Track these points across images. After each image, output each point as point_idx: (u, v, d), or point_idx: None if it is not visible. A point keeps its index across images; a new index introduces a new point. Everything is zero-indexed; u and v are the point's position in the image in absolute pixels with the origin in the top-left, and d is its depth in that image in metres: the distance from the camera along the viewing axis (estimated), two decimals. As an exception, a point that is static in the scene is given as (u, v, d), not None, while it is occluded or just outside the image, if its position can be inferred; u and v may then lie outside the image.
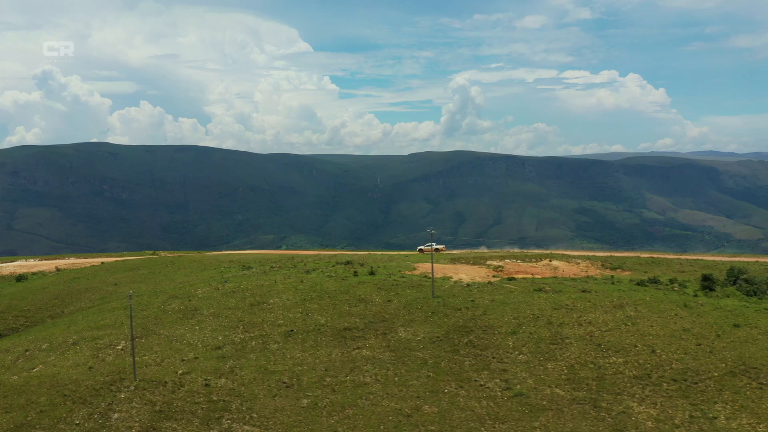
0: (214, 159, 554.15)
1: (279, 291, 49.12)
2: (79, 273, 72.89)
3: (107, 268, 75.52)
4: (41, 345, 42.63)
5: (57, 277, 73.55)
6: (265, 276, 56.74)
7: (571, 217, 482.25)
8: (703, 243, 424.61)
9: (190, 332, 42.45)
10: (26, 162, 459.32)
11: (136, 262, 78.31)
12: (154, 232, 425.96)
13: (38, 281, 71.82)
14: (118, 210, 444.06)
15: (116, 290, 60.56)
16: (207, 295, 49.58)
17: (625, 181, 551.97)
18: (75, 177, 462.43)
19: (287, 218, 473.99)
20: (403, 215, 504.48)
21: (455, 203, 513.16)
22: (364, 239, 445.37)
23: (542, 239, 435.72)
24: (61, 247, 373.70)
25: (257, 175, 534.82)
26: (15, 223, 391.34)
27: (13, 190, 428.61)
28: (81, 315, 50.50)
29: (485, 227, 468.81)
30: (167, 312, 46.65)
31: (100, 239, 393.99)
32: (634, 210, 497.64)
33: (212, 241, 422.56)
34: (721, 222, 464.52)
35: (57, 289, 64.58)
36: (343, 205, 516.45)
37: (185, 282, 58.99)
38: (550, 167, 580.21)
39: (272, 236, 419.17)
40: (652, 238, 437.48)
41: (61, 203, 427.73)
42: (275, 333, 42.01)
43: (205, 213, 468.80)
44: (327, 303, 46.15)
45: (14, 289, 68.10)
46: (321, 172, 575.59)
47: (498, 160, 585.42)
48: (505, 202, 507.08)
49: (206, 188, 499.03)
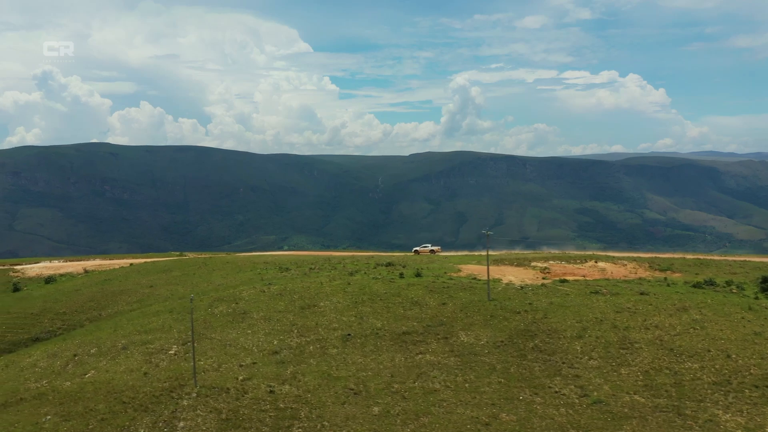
0: (214, 159, 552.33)
1: (328, 293, 48.14)
2: (110, 275, 72.17)
3: (138, 269, 74.62)
4: (89, 350, 41.62)
5: (87, 278, 72.67)
6: (307, 278, 55.70)
7: (573, 217, 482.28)
8: (704, 243, 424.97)
9: (243, 336, 41.50)
10: (27, 162, 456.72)
11: (167, 263, 77.42)
12: (156, 233, 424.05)
13: (68, 283, 71.01)
14: (119, 210, 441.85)
15: (153, 292, 59.62)
16: (253, 298, 48.55)
17: (625, 182, 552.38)
18: (76, 177, 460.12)
19: (288, 218, 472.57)
20: (404, 215, 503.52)
21: (456, 203, 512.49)
22: (365, 239, 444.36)
23: (544, 239, 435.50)
24: (62, 247, 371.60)
25: (258, 176, 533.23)
26: (16, 224, 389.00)
27: (14, 191, 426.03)
28: (125, 318, 49.51)
29: (486, 227, 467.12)
30: (215, 315, 45.63)
31: (101, 239, 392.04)
32: (635, 210, 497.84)
33: (214, 241, 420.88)
34: (723, 222, 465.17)
35: (90, 291, 63.77)
36: (343, 205, 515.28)
37: (225, 284, 57.98)
38: (551, 167, 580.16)
39: (273, 237, 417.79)
40: (654, 239, 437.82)
41: (62, 204, 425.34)
42: (332, 337, 41.07)
43: (206, 213, 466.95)
44: (380, 306, 45.18)
45: (45, 291, 67.27)
46: (321, 172, 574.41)
47: (499, 161, 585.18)
48: (506, 203, 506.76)
49: (206, 188, 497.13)
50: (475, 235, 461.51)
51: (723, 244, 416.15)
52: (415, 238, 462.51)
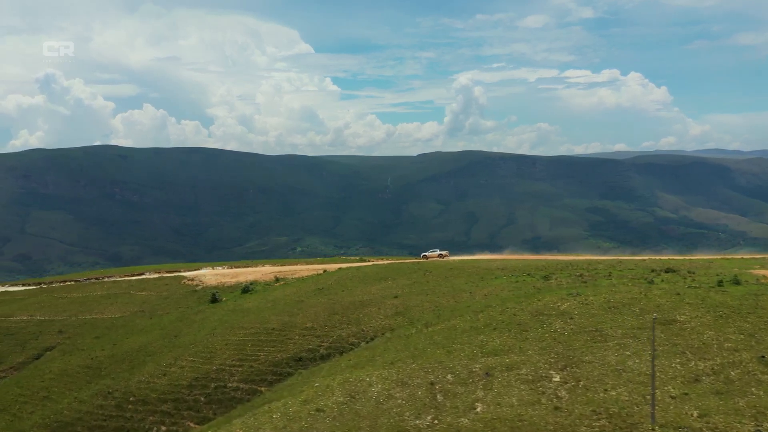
0: (222, 161, 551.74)
1: (679, 306, 43.03)
2: (317, 283, 66.23)
3: (348, 276, 68.37)
4: (443, 375, 34.59)
5: (293, 288, 66.47)
6: (598, 287, 48.91)
7: (584, 216, 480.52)
8: (718, 242, 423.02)
9: (629, 359, 34.35)
10: (36, 165, 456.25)
11: (377, 269, 71.73)
12: (167, 235, 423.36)
13: (274, 293, 65.40)
14: (129, 213, 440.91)
15: (403, 303, 53.59)
16: (579, 311, 42.37)
17: (636, 180, 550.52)
18: (85, 180, 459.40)
19: (299, 220, 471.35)
20: (414, 216, 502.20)
21: (466, 203, 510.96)
22: (377, 240, 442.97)
23: (557, 239, 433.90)
24: (75, 250, 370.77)
25: (266, 177, 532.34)
26: (28, 227, 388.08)
27: (25, 194, 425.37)
28: (441, 336, 41.72)
29: (498, 228, 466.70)
30: (559, 332, 39.14)
31: (113, 242, 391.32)
32: (646, 209, 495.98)
33: (225, 243, 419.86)
34: (735, 220, 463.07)
35: (316, 302, 57.21)
36: (353, 206, 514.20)
37: (489, 294, 51.99)
38: (560, 166, 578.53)
39: (286, 238, 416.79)
40: (668, 237, 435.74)
41: (73, 206, 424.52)
42: (745, 359, 33.56)
43: (216, 215, 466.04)
44: (751, 323, 40.13)
45: (255, 303, 61.31)
46: (330, 173, 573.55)
47: (508, 160, 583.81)
48: (517, 202, 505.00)
49: (216, 190, 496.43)
50: (486, 235, 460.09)
51: (737, 242, 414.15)
52: (426, 238, 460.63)
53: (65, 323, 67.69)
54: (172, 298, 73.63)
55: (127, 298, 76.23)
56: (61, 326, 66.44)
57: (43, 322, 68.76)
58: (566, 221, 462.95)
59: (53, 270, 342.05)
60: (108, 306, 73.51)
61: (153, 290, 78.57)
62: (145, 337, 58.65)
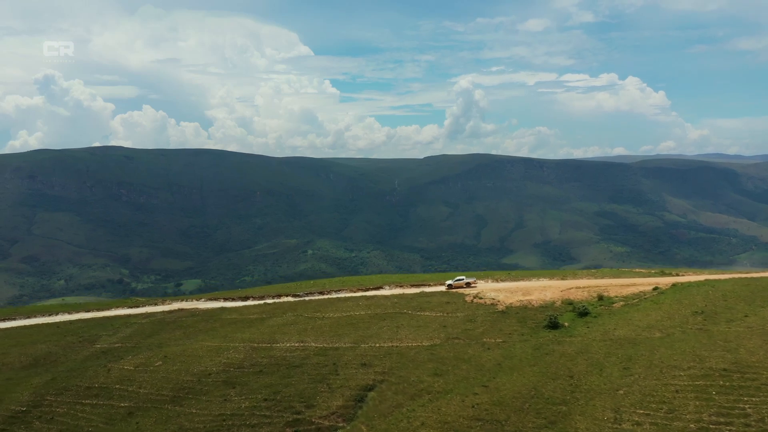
0: (229, 163, 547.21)
1: None
2: (693, 305, 55.51)
3: (727, 294, 57.95)
4: None
5: (661, 310, 55.41)
6: None
7: (593, 220, 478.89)
8: (730, 246, 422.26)
9: None
10: (42, 166, 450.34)
11: None
12: (174, 237, 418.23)
13: (632, 315, 54.68)
14: (136, 214, 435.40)
15: None
16: None
17: (643, 184, 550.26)
18: (92, 181, 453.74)
19: (306, 222, 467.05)
20: (423, 218, 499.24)
21: (475, 206, 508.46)
22: (385, 243, 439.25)
23: (568, 243, 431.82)
24: (84, 252, 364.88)
25: (273, 179, 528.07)
26: (35, 228, 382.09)
27: (31, 195, 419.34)
28: None
29: (508, 231, 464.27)
30: None
31: (121, 244, 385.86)
32: (655, 213, 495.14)
33: (234, 245, 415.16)
34: (745, 225, 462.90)
35: (726, 329, 47.80)
36: (361, 208, 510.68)
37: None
38: (567, 170, 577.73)
39: (296, 240, 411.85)
40: (678, 241, 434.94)
41: (79, 207, 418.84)
42: None
43: (224, 217, 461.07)
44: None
45: (624, 331, 50.66)
46: (337, 175, 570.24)
47: (516, 163, 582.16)
48: (526, 205, 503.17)
49: (223, 192, 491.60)
50: (497, 239, 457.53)
51: (750, 247, 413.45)
52: (436, 241, 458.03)
53: (360, 353, 52.79)
54: (479, 321, 58.49)
55: (406, 320, 60.89)
56: (360, 357, 51.75)
57: (326, 350, 54.56)
58: (576, 225, 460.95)
59: (63, 272, 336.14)
60: (391, 329, 58.37)
61: (437, 310, 63.29)
62: (518, 376, 44.76)
